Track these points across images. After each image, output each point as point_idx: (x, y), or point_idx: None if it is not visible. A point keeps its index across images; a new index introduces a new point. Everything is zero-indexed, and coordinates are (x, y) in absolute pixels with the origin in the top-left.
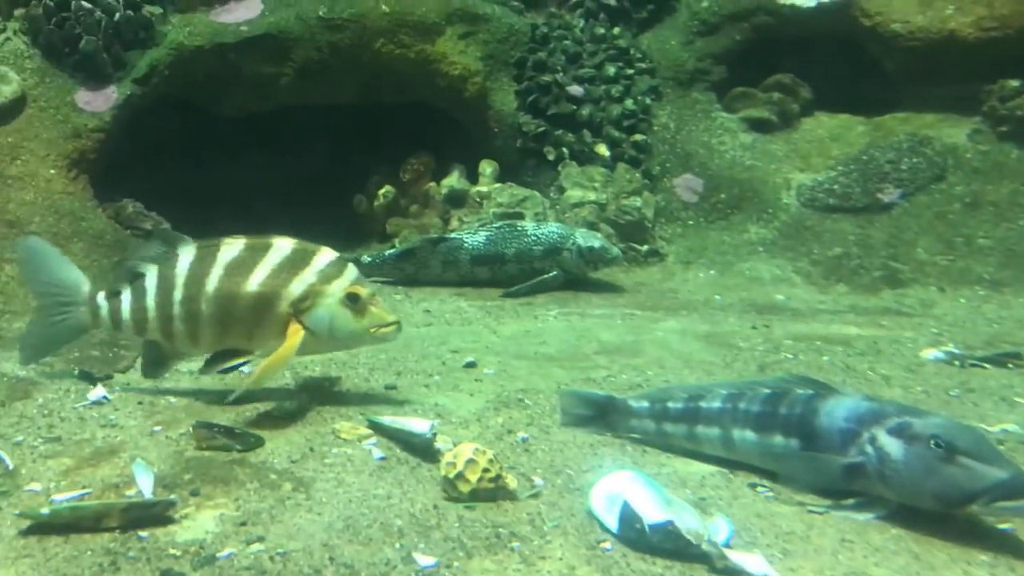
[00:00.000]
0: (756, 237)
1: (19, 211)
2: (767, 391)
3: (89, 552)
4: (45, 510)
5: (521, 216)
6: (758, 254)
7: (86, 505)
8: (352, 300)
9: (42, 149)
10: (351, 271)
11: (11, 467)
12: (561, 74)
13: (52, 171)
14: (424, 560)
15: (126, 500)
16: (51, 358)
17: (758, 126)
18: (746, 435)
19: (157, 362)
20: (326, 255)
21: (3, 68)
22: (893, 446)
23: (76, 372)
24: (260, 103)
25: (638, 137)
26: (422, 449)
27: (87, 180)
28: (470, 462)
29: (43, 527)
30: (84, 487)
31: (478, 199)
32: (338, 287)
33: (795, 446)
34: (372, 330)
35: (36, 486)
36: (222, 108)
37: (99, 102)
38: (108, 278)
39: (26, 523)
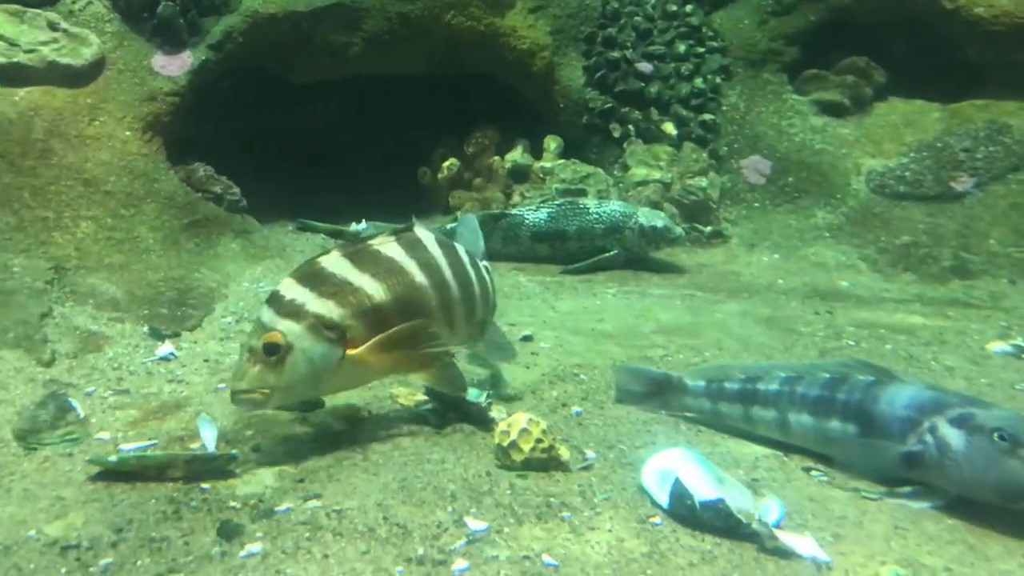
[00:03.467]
0: (823, 222)
1: (96, 170)
2: (826, 375)
3: (153, 500)
4: (113, 457)
5: (583, 193)
6: (824, 239)
7: (152, 455)
8: None
9: (119, 111)
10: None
11: (82, 416)
12: (630, 50)
13: (128, 133)
14: (475, 524)
15: (190, 452)
16: (121, 313)
17: (830, 109)
18: (803, 419)
19: None
20: None
21: (84, 31)
22: (954, 436)
23: (145, 328)
24: (330, 72)
25: (706, 116)
26: (476, 417)
27: (161, 142)
28: (524, 432)
29: (111, 474)
30: (150, 438)
31: (541, 174)
32: None
33: (852, 432)
34: None
35: (105, 435)
36: (293, 75)
37: (174, 67)
38: None
39: (96, 469)
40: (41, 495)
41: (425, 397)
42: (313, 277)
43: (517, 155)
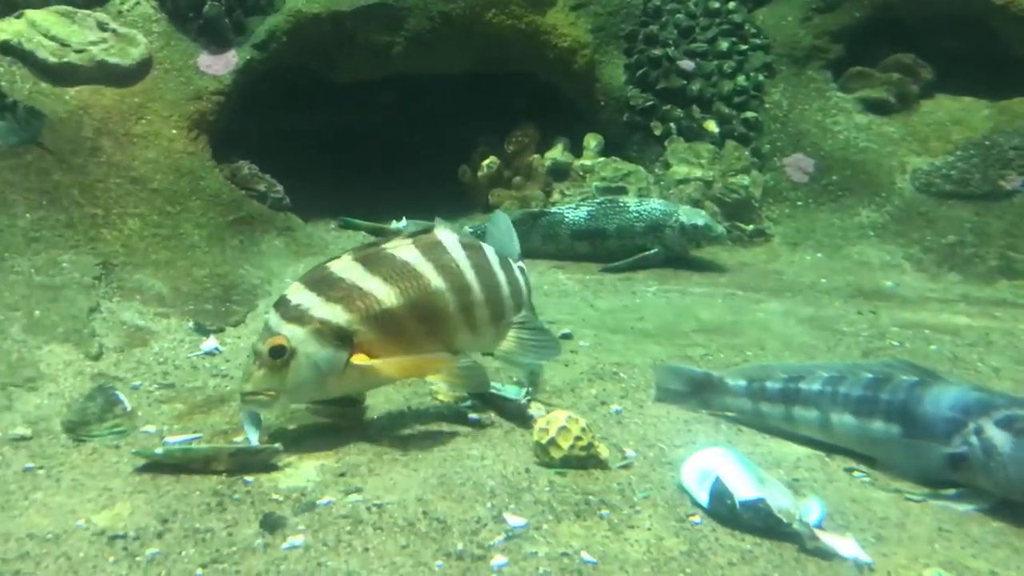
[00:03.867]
0: (867, 221)
1: (143, 168)
2: (869, 375)
3: (198, 492)
4: (159, 450)
5: (624, 191)
6: (868, 238)
7: (197, 448)
8: None
9: (165, 110)
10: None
11: (129, 409)
12: (672, 48)
13: (174, 131)
14: (514, 520)
15: (234, 446)
16: (167, 309)
17: (875, 107)
18: (845, 419)
19: None
20: None
21: (132, 31)
22: (1000, 438)
23: (190, 324)
24: (373, 71)
25: (749, 114)
26: (515, 414)
27: (206, 141)
28: (563, 429)
29: (157, 466)
30: (195, 431)
31: (581, 172)
32: None
33: (896, 433)
34: None
35: (151, 428)
36: (336, 75)
37: (219, 66)
38: None
39: (141, 461)
40: (89, 485)
41: (464, 394)
42: (321, 282)
43: (557, 153)
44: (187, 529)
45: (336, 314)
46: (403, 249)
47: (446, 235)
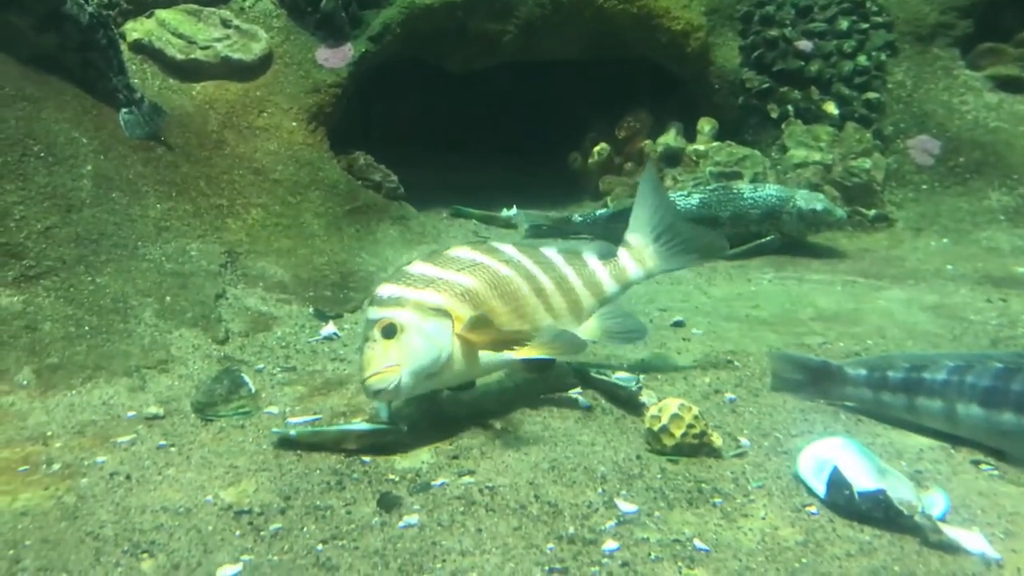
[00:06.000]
0: (997, 205)
1: (264, 160)
2: (999, 365)
3: (319, 471)
4: (293, 432)
5: (739, 176)
6: (998, 223)
7: (328, 428)
8: None
9: (286, 103)
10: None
11: (253, 391)
12: (789, 28)
13: (294, 123)
14: (626, 506)
15: (362, 426)
16: (288, 295)
17: (1007, 85)
18: (972, 410)
19: None
20: None
21: (254, 27)
22: None
23: (310, 310)
24: (484, 60)
25: (870, 95)
26: (627, 401)
27: (324, 132)
28: (675, 417)
29: (283, 443)
30: (315, 413)
31: (694, 158)
32: None
33: None
34: None
35: (274, 409)
36: (448, 65)
37: (336, 59)
38: None
39: (271, 440)
40: (217, 463)
41: (575, 380)
42: (404, 278)
43: (670, 138)
44: (308, 506)
45: (429, 296)
46: (463, 251)
47: (499, 244)
